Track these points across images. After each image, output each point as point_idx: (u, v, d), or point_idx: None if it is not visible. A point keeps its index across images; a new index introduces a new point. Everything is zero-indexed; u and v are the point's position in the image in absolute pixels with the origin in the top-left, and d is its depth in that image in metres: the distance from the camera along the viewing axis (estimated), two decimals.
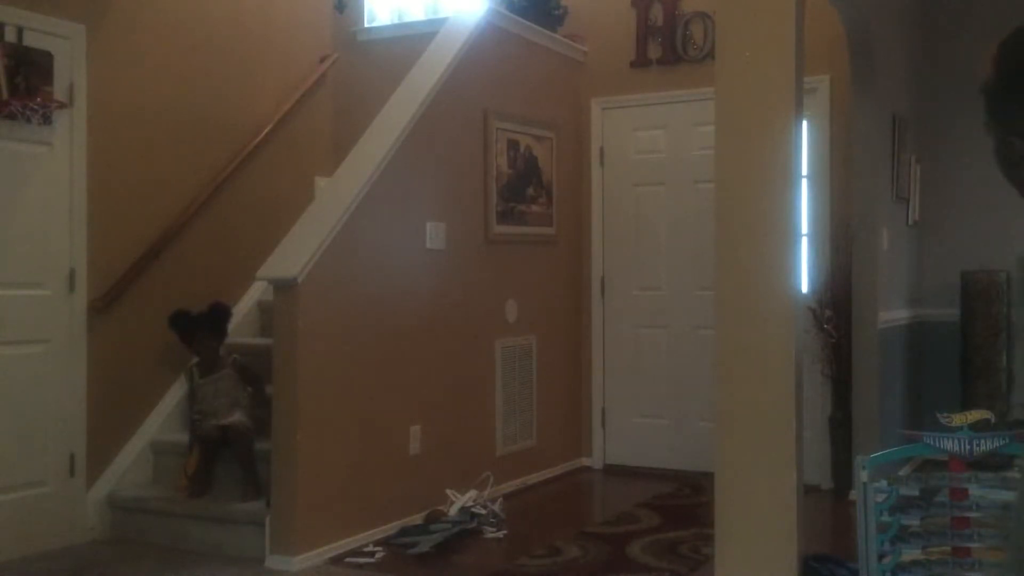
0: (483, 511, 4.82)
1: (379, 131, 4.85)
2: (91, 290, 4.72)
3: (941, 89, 5.79)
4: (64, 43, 4.61)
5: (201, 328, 4.85)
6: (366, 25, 6.61)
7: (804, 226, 5.13)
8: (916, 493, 3.21)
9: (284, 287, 4.29)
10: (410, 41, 5.87)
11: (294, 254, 4.34)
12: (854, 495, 3.38)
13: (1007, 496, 2.81)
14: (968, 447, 3.07)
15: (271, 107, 5.80)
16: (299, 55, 6.10)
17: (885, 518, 3.10)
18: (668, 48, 6.04)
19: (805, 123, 3.68)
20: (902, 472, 3.32)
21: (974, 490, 3.13)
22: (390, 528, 4.62)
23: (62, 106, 4.55)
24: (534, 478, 5.77)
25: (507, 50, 5.64)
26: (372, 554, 4.37)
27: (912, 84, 5.82)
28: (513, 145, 5.66)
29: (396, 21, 6.62)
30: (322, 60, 6.29)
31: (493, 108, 5.46)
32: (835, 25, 5.09)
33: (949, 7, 5.84)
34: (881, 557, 3.09)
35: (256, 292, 5.48)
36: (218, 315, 4.90)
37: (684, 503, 5.30)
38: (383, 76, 5.59)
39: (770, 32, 3.37)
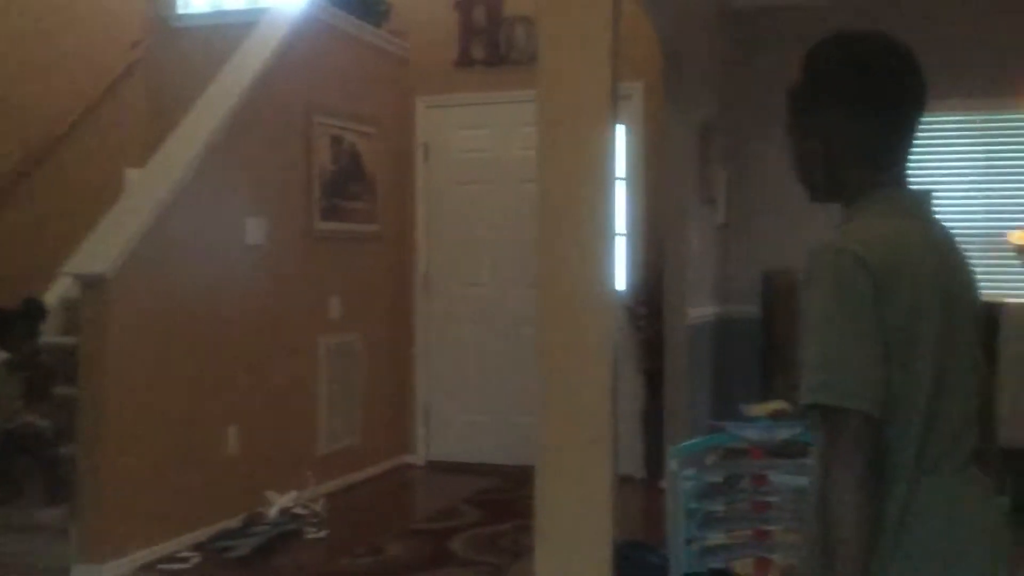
0: (304, 512, 4.76)
1: (195, 122, 4.69)
2: None
3: (747, 98, 6.13)
4: None
5: (13, 325, 4.57)
6: (179, 11, 6.36)
7: (620, 226, 5.33)
8: (720, 480, 3.41)
9: (92, 283, 4.08)
10: (228, 30, 5.69)
11: (104, 248, 4.14)
12: (665, 484, 3.54)
13: (803, 482, 3.02)
14: (766, 436, 3.29)
15: (79, 93, 5.50)
16: (109, 40, 5.80)
17: (692, 505, 3.28)
18: (491, 49, 6.12)
19: (621, 127, 3.83)
20: (708, 461, 3.50)
21: (773, 476, 3.35)
22: (207, 532, 4.48)
23: None
24: (357, 477, 5.73)
25: (330, 44, 5.57)
26: (187, 559, 4.23)
27: (720, 92, 6.13)
28: (336, 141, 5.60)
29: (212, 9, 6.40)
30: (133, 46, 6.01)
31: (316, 103, 5.38)
32: (650, 34, 5.30)
33: (756, 21, 6.20)
34: (689, 542, 3.27)
35: (61, 288, 5.18)
36: (32, 312, 4.63)
37: (505, 497, 5.40)
38: (199, 65, 5.39)
39: (588, 38, 3.48)
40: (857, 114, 1.45)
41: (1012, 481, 4.31)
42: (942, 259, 1.43)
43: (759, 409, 3.52)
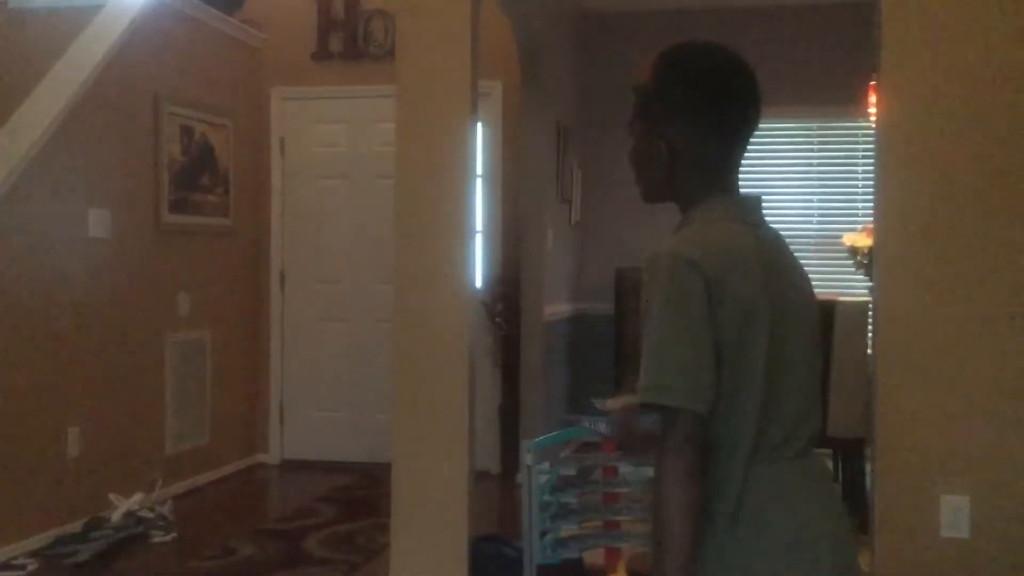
0: (150, 514, 4.59)
1: (34, 110, 4.46)
2: None
3: (602, 99, 6.28)
4: None
5: None
6: None
7: (478, 223, 5.37)
8: (574, 473, 3.49)
9: None
10: (71, 13, 5.40)
11: None
12: (521, 478, 3.60)
13: (651, 473, 3.14)
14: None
15: None
16: None
17: (547, 497, 3.35)
18: (350, 43, 6.05)
19: (480, 125, 3.86)
20: (563, 455, 3.58)
21: (623, 468, 3.45)
22: (46, 537, 4.27)
23: None
24: (207, 477, 5.58)
25: (180, 32, 5.39)
26: (23, 567, 4.02)
27: (575, 94, 6.27)
28: (187, 131, 5.42)
29: None
30: None
31: (164, 92, 5.20)
32: (508, 34, 5.37)
33: (611, 25, 6.36)
34: (543, 534, 3.33)
35: None
36: None
37: (362, 495, 5.36)
38: (39, 49, 5.11)
39: (447, 35, 3.50)
40: (697, 122, 1.52)
41: (841, 469, 4.58)
42: (773, 262, 1.50)
43: (611, 403, 3.62)
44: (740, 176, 1.58)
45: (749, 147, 1.59)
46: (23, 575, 3.97)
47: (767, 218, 1.59)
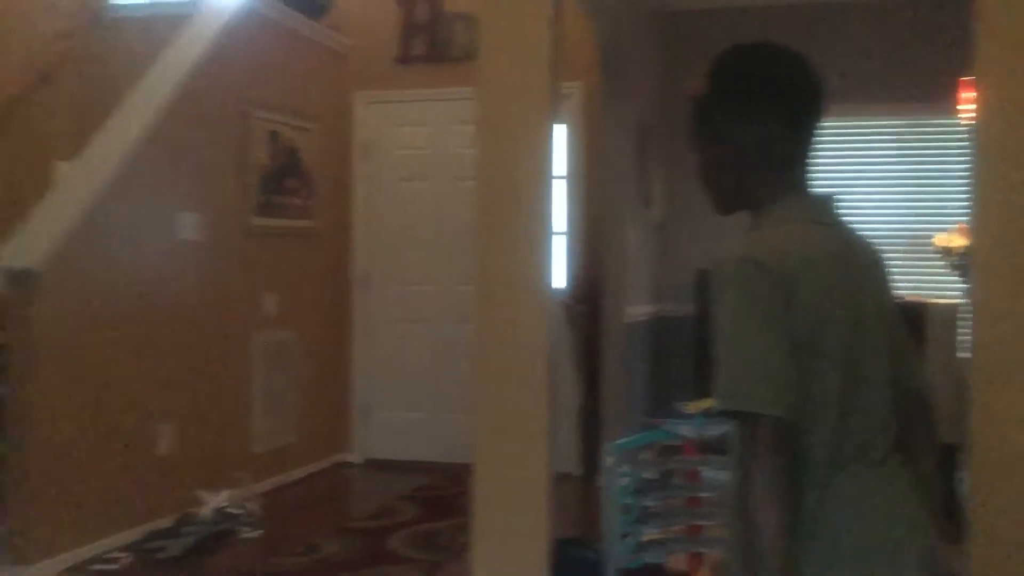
0: (239, 511, 4.70)
1: (128, 115, 4.60)
2: None
3: (683, 99, 6.20)
4: None
5: None
6: (114, 1, 6.23)
7: (559, 225, 5.36)
8: (656, 476, 3.46)
9: (20, 278, 3.98)
10: (163, 21, 5.57)
11: (32, 243, 4.05)
12: (601, 480, 3.58)
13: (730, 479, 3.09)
14: (700, 432, 3.34)
15: (6, 84, 5.35)
16: (38, 30, 5.66)
17: (628, 501, 3.32)
18: (432, 46, 6.11)
19: (562, 127, 3.85)
20: (644, 457, 3.55)
21: (706, 472, 3.41)
22: (138, 532, 4.40)
23: None
24: (293, 475, 5.68)
25: (268, 38, 5.51)
26: (117, 560, 4.15)
27: (658, 93, 6.21)
28: (274, 136, 5.54)
29: (148, 0, 6.27)
30: (63, 37, 5.86)
31: (253, 97, 5.31)
32: (589, 35, 5.34)
33: (692, 23, 6.29)
34: (624, 537, 3.31)
35: None
36: None
37: (443, 495, 5.40)
38: (133, 57, 5.28)
39: (528, 38, 3.50)
40: (761, 122, 1.49)
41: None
42: (848, 261, 1.46)
43: (693, 406, 3.58)
44: (826, 176, 1.55)
45: (835, 146, 1.56)
46: (116, 568, 4.10)
47: (849, 217, 1.55)
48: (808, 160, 1.53)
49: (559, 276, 5.22)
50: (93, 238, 4.23)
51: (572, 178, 5.89)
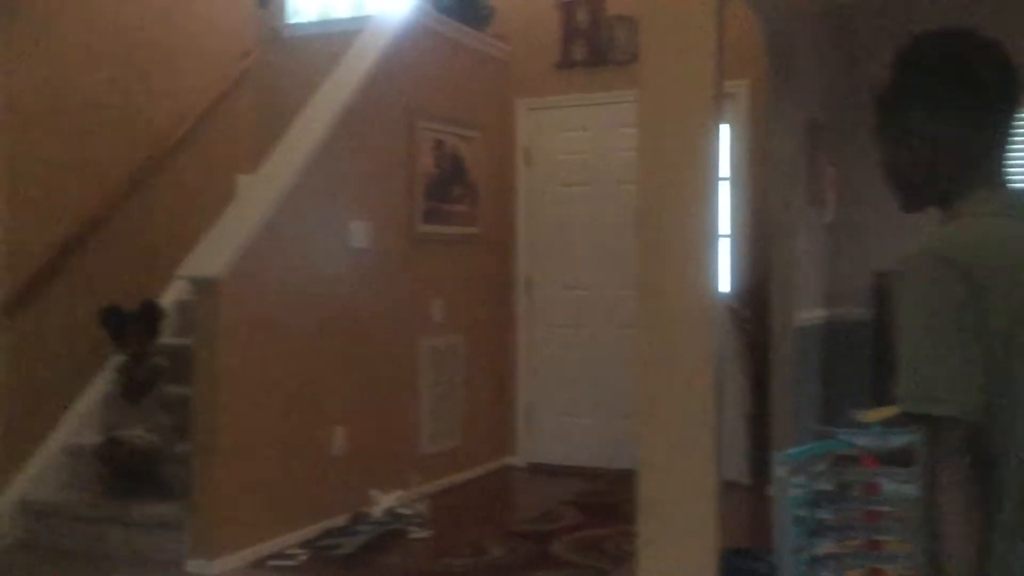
0: (408, 511, 4.81)
1: (303, 129, 4.80)
2: (3, 290, 4.58)
3: (855, 94, 5.95)
4: None
5: (132, 326, 4.75)
6: (289, 21, 6.53)
7: (724, 227, 5.23)
8: (831, 488, 3.31)
9: (205, 286, 4.21)
10: (334, 38, 5.81)
11: (215, 252, 4.27)
12: (771, 490, 3.46)
13: (915, 490, 2.92)
14: (879, 443, 3.18)
15: (192, 103, 5.69)
16: (221, 50, 6.00)
17: (801, 512, 3.19)
18: (593, 50, 6.09)
19: (726, 127, 3.76)
20: (817, 467, 3.40)
21: (886, 485, 3.23)
22: (314, 530, 4.57)
23: None
24: (459, 477, 5.78)
25: (433, 49, 5.63)
26: (295, 557, 4.32)
27: (827, 90, 5.97)
28: (438, 144, 5.66)
29: (320, 18, 6.55)
30: (244, 56, 6.20)
31: (418, 107, 5.44)
32: (755, 31, 5.20)
33: (864, 14, 6.02)
34: (797, 550, 3.18)
35: (176, 291, 5.37)
36: (150, 314, 4.80)
37: (607, 500, 5.36)
38: (307, 73, 5.52)
39: (691, 37, 3.43)
40: (953, 114, 1.41)
41: None
42: None
43: (872, 415, 3.41)
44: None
45: None
46: (295, 565, 4.26)
47: None
48: (1003, 153, 1.44)
49: (724, 280, 5.09)
50: (271, 247, 4.43)
51: (737, 179, 5.75)
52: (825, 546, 3.26)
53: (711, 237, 3.44)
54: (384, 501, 4.77)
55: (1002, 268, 1.31)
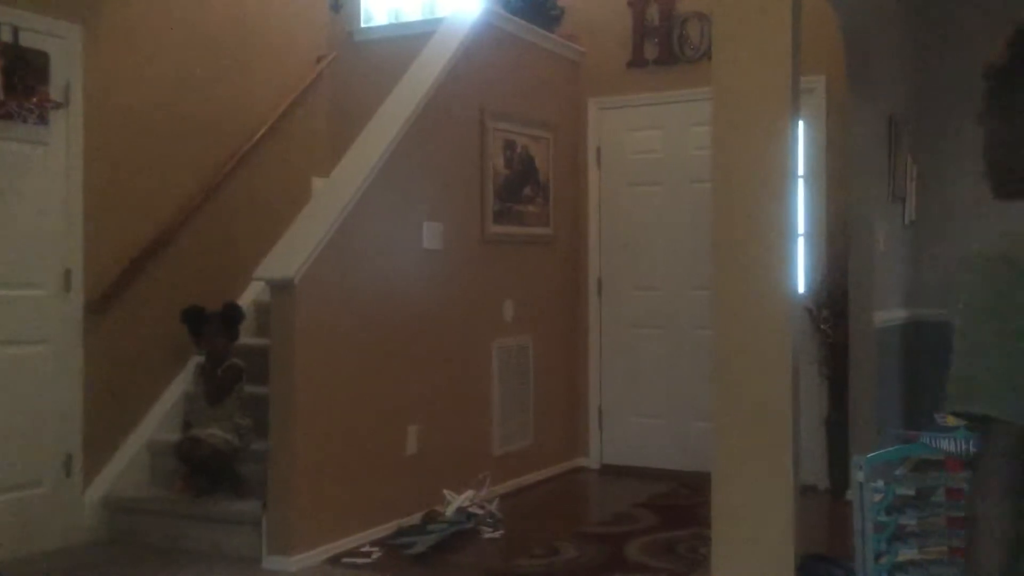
0: (480, 511, 4.82)
1: (376, 131, 4.85)
2: (87, 290, 4.72)
3: (937, 89, 5.79)
4: (60, 43, 4.60)
5: (211, 326, 4.85)
6: (362, 25, 6.61)
7: (801, 226, 5.13)
8: (912, 493, 3.22)
9: (281, 287, 4.28)
10: (407, 41, 5.86)
11: (291, 254, 4.33)
12: (851, 495, 3.38)
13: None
14: (964, 447, 3.08)
15: (268, 107, 5.80)
16: (295, 55, 6.09)
17: (882, 518, 3.11)
18: (664, 48, 6.04)
19: (801, 123, 3.68)
20: (898, 472, 3.31)
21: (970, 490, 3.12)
22: (387, 528, 4.61)
23: (58, 106, 4.55)
24: (531, 478, 5.77)
25: (504, 50, 5.64)
26: (369, 554, 4.36)
27: (908, 84, 5.82)
28: (510, 145, 5.66)
29: (392, 21, 6.61)
30: (318, 60, 6.29)
31: (490, 108, 5.46)
32: (831, 25, 5.09)
33: (949, 8, 5.85)
34: (878, 557, 3.10)
35: (253, 292, 5.47)
36: (230, 315, 4.89)
37: (681, 503, 5.31)
38: (380, 76, 5.59)
39: (767, 32, 3.37)
40: None
41: None
42: None
43: (956, 418, 3.30)
44: None
45: None
46: (369, 562, 4.30)
47: None
48: None
49: (801, 281, 4.99)
50: (345, 249, 4.49)
51: (813, 176, 5.63)
52: (906, 553, 3.17)
53: (788, 236, 3.37)
54: (457, 500, 4.79)
55: None
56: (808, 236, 5.57)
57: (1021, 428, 1.23)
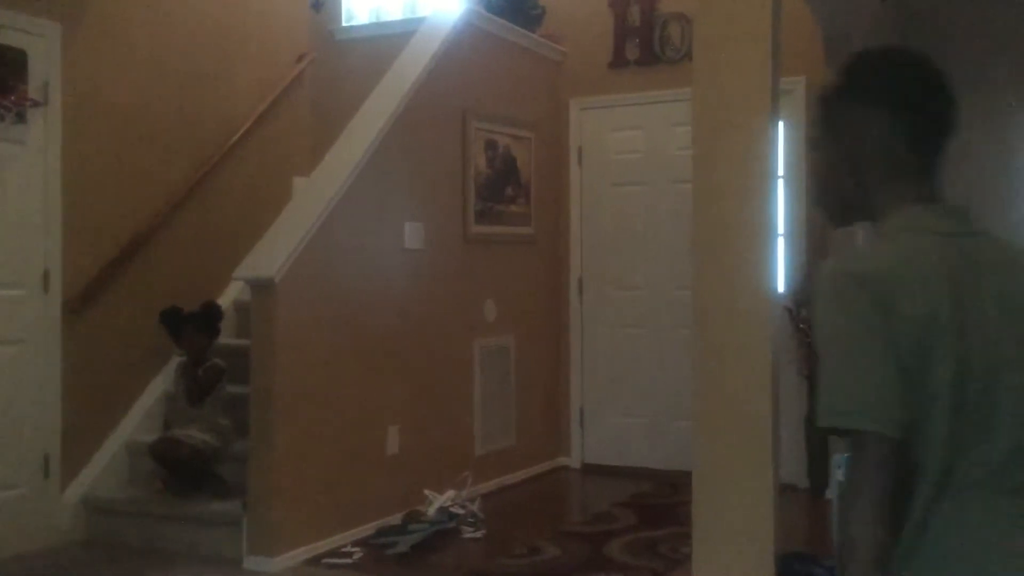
0: (462, 511, 4.82)
1: (357, 131, 4.84)
2: (66, 290, 4.69)
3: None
4: (39, 41, 4.56)
5: (191, 326, 4.82)
6: (344, 24, 6.59)
7: (781, 226, 5.16)
8: None
9: (261, 287, 4.27)
10: (388, 40, 5.85)
11: (271, 254, 4.32)
12: (830, 494, 3.41)
13: None
14: None
15: (248, 106, 5.77)
16: (276, 54, 6.07)
17: None
18: (646, 49, 6.06)
19: (781, 124, 3.70)
20: None
21: None
22: (368, 528, 4.61)
23: (36, 104, 4.51)
24: (513, 478, 5.78)
25: (485, 50, 5.64)
26: (350, 555, 4.36)
27: None
28: (491, 145, 5.66)
29: (374, 20, 6.60)
30: (299, 59, 6.26)
31: (471, 108, 5.46)
32: (812, 27, 5.12)
33: (925, 11, 5.90)
34: None
35: (234, 292, 5.44)
36: (209, 315, 4.87)
37: (662, 502, 5.32)
38: (361, 75, 5.57)
39: (747, 33, 3.39)
40: (886, 124, 1.43)
41: None
42: (969, 273, 1.36)
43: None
44: None
45: None
46: (350, 562, 4.30)
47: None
48: (937, 170, 1.46)
49: (780, 280, 5.02)
50: (326, 248, 4.47)
51: (793, 177, 5.66)
52: None
53: (768, 236, 3.39)
54: (438, 500, 4.79)
55: (909, 285, 1.32)
56: (788, 236, 5.60)
57: (890, 439, 1.28)
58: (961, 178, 1.58)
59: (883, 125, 1.43)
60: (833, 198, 1.52)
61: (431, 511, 4.72)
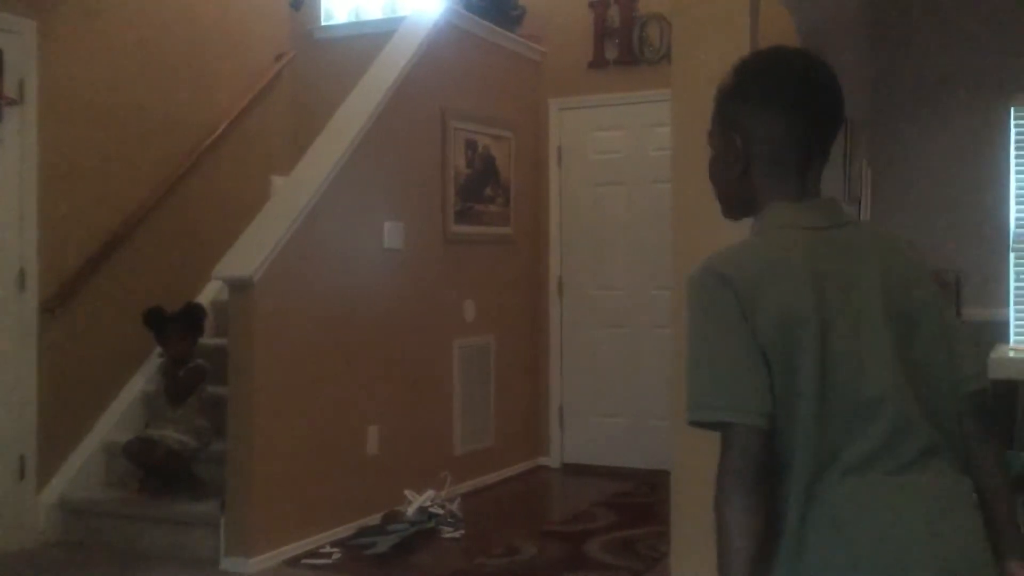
0: (441, 511, 4.82)
1: (336, 130, 4.83)
2: (42, 290, 4.65)
3: (893, 92, 5.88)
4: (15, 38, 4.52)
5: (174, 327, 4.79)
6: (323, 23, 6.57)
7: None
8: None
9: (240, 286, 4.25)
10: (367, 40, 5.84)
11: (250, 253, 4.30)
12: None
13: None
14: None
15: (226, 105, 5.74)
16: (255, 53, 6.05)
17: None
18: (625, 49, 6.07)
19: None
20: None
21: None
22: (347, 529, 4.60)
23: (12, 102, 4.47)
24: (492, 478, 5.78)
25: (465, 50, 5.64)
26: (329, 555, 4.35)
27: (864, 88, 5.91)
28: (471, 145, 5.66)
29: (353, 19, 6.58)
30: (278, 58, 6.24)
31: (451, 108, 5.45)
32: (789, 28, 5.15)
33: (898, 14, 5.95)
34: None
35: (212, 291, 5.42)
36: (193, 315, 4.84)
37: (641, 501, 5.34)
38: (340, 75, 5.56)
39: (725, 35, 3.41)
40: (769, 120, 1.47)
41: None
42: (833, 265, 1.40)
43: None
44: None
45: None
46: (330, 563, 4.29)
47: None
48: (818, 167, 1.51)
49: None
50: (305, 248, 4.46)
51: None
52: None
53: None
54: (418, 501, 4.78)
55: (771, 279, 1.36)
56: None
57: (758, 430, 1.31)
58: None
59: (766, 124, 1.47)
60: (722, 193, 1.57)
61: (410, 511, 4.71)
